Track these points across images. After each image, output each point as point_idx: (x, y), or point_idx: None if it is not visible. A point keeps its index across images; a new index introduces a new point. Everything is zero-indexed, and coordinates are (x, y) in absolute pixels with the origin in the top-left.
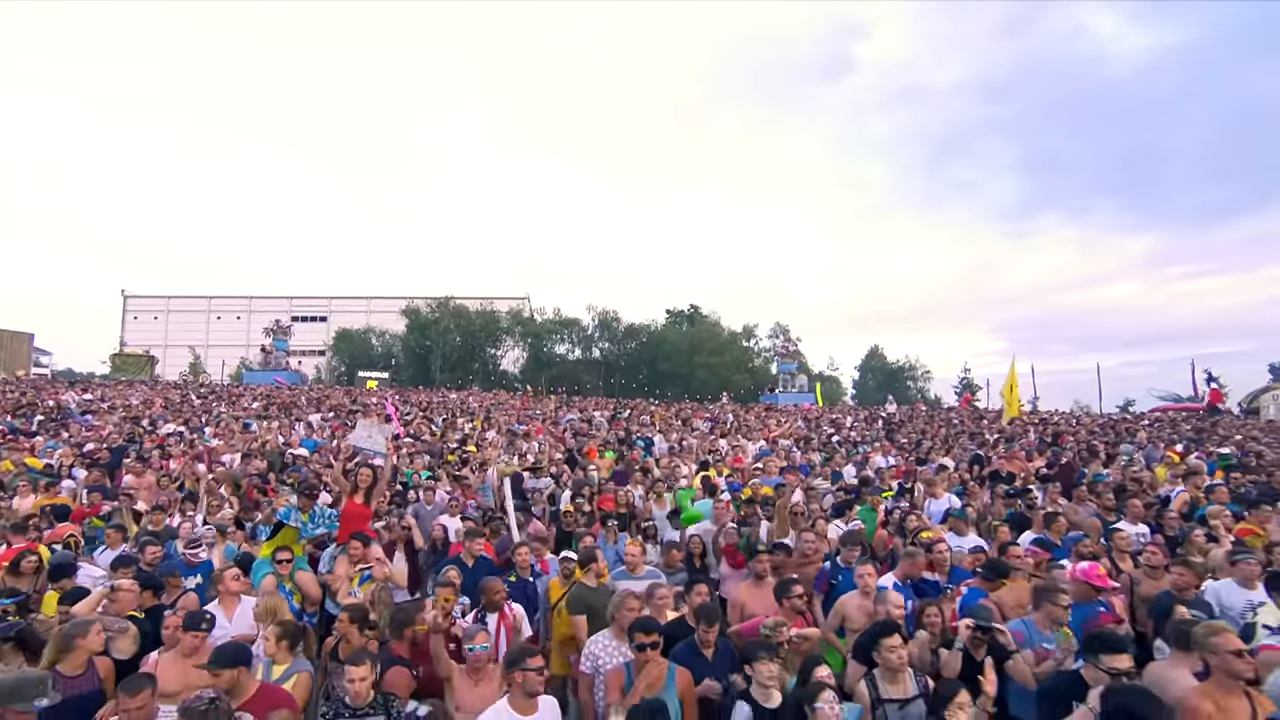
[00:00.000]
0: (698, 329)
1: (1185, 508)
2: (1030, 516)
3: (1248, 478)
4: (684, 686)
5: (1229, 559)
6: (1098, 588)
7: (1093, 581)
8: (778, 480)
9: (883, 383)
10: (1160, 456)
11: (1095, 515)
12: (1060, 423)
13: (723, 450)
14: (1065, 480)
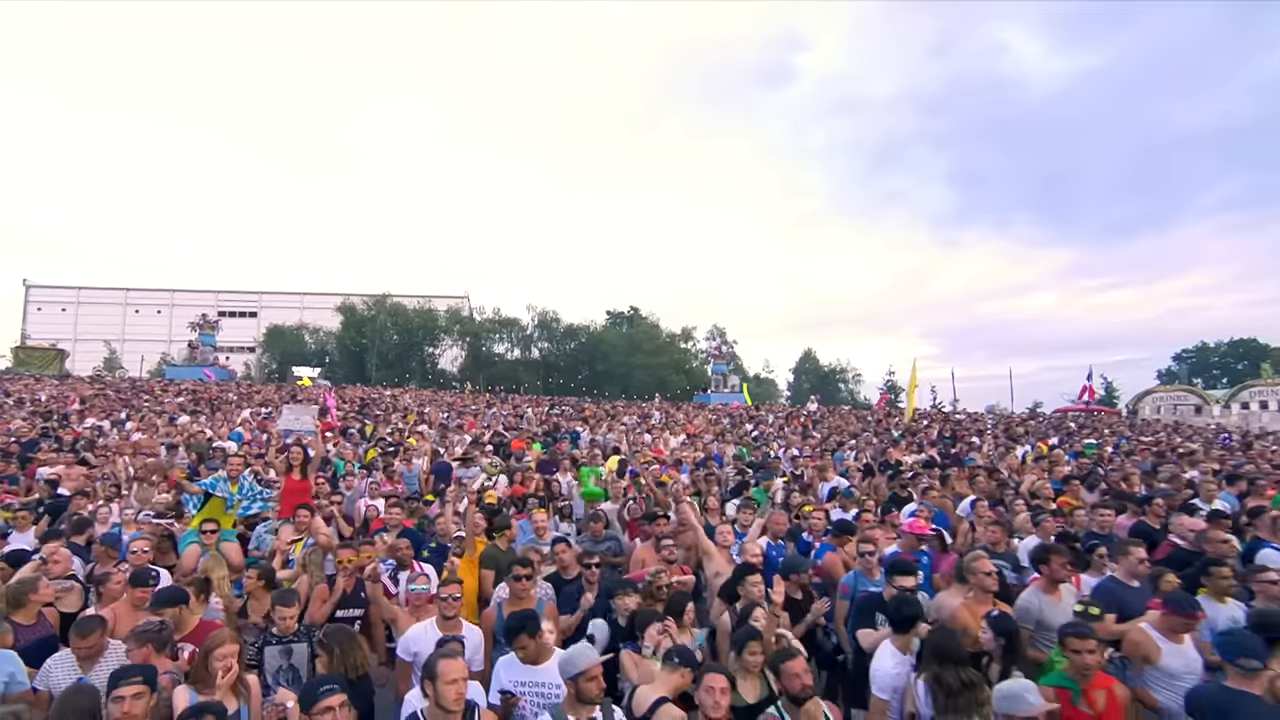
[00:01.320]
0: (637, 330)
1: (1031, 486)
2: (910, 495)
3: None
4: (549, 613)
5: (1031, 520)
6: (919, 536)
7: (914, 532)
8: (686, 468)
9: (816, 384)
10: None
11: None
12: (962, 421)
13: (646, 442)
14: (954, 467)
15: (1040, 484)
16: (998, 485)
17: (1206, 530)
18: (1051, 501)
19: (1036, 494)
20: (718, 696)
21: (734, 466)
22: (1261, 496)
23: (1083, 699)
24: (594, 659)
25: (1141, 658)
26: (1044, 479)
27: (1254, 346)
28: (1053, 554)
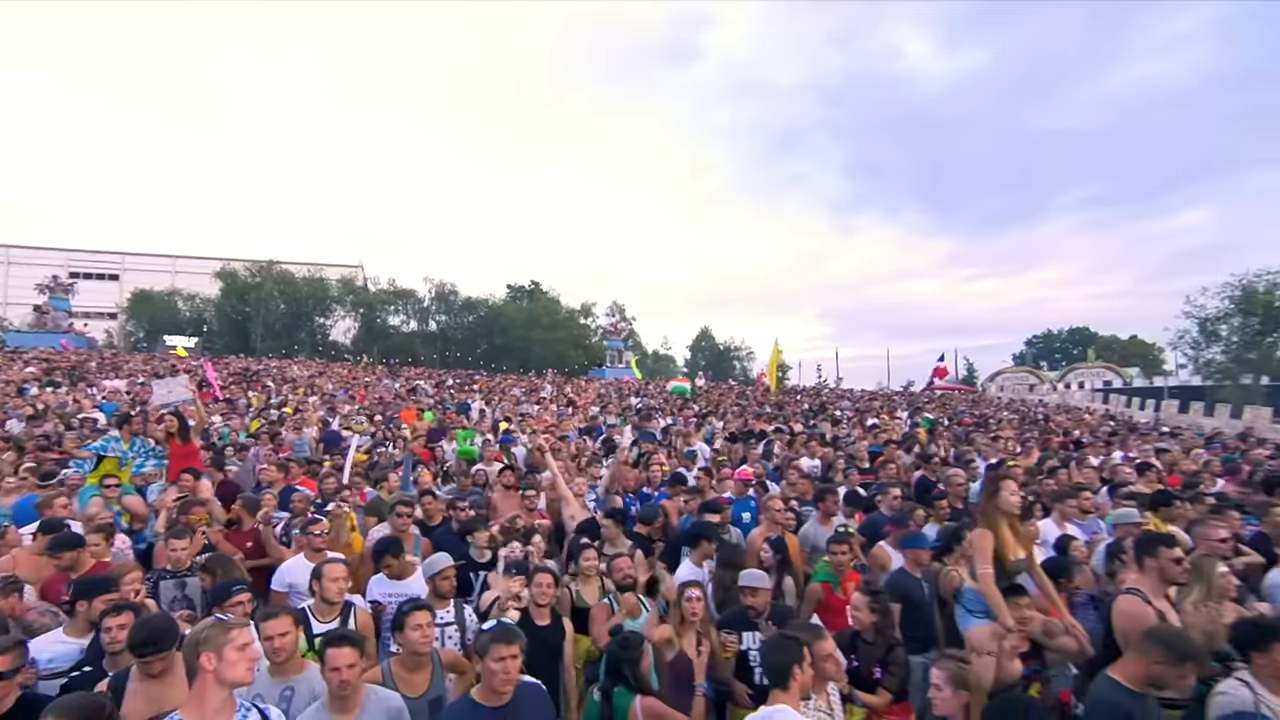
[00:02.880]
0: (537, 305)
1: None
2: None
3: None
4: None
5: (843, 474)
6: (745, 482)
7: (741, 479)
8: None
9: (711, 361)
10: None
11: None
12: (827, 396)
13: (531, 413)
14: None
15: (860, 448)
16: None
17: (951, 476)
18: (866, 461)
19: (856, 455)
20: (544, 588)
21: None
22: (1028, 457)
23: (839, 588)
24: (448, 562)
25: (880, 566)
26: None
27: (1086, 334)
28: (827, 494)
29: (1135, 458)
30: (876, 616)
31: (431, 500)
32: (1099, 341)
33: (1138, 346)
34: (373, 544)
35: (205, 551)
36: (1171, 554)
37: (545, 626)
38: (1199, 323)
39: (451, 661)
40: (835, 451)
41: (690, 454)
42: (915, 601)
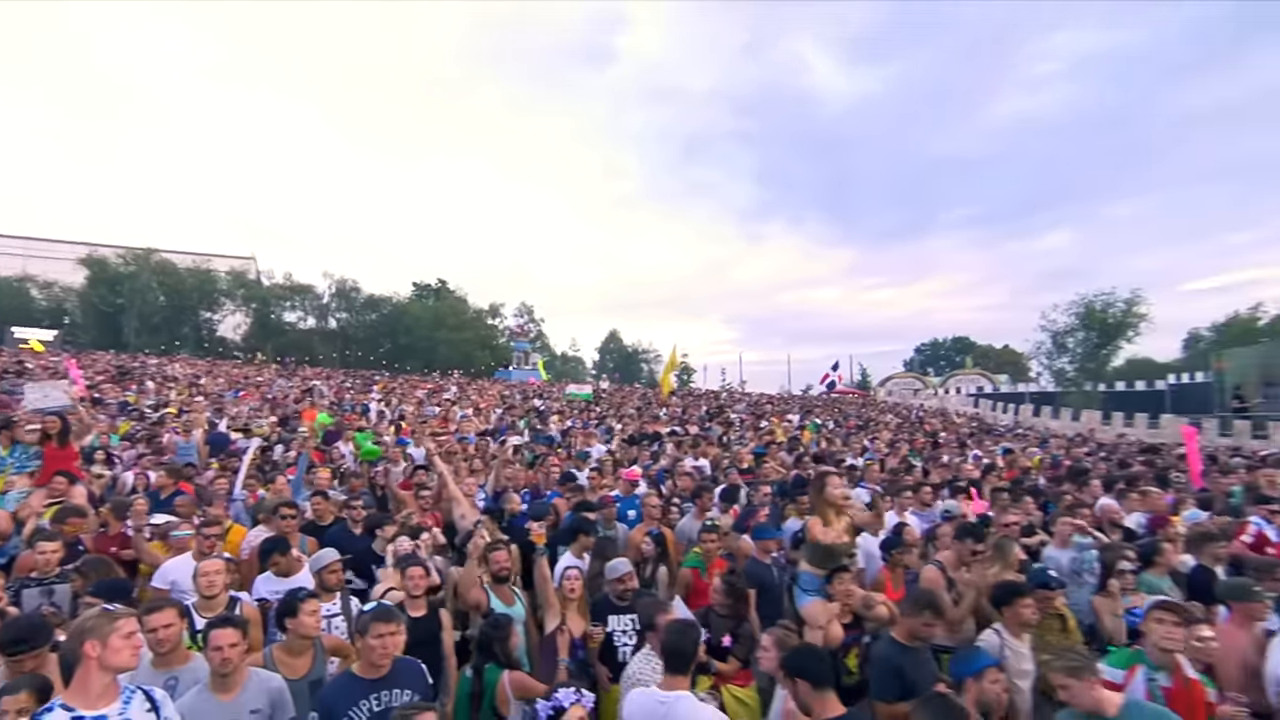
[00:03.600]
0: (443, 304)
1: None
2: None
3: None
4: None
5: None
6: (632, 482)
7: (628, 479)
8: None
9: (620, 364)
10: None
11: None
12: (725, 399)
13: (435, 414)
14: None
15: (744, 450)
16: (722, 451)
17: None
18: (748, 462)
19: (739, 456)
20: (417, 580)
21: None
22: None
23: (706, 574)
24: (334, 556)
25: (742, 554)
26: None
27: (967, 343)
28: (704, 492)
29: (982, 456)
30: (729, 596)
31: (322, 501)
32: (977, 350)
33: (1009, 355)
34: (258, 544)
35: (70, 559)
36: (968, 546)
37: (421, 617)
38: (1051, 336)
39: (334, 646)
40: (723, 452)
41: (584, 455)
42: (767, 584)
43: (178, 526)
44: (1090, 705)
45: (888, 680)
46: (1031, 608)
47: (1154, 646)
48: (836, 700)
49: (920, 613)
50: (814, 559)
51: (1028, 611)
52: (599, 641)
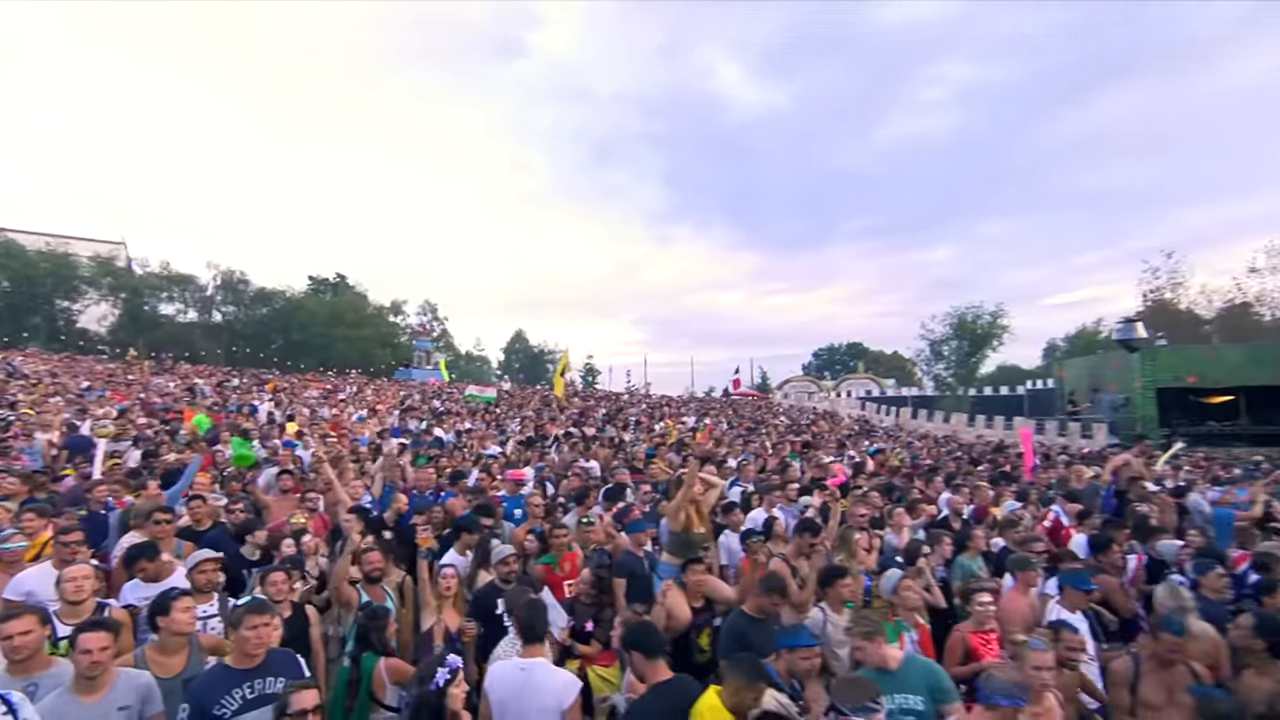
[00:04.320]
0: (341, 300)
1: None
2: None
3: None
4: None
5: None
6: (518, 482)
7: (512, 479)
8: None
9: (525, 365)
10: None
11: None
12: (622, 401)
13: (328, 415)
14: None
15: (638, 451)
16: (614, 452)
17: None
18: (638, 461)
19: (635, 457)
20: (279, 585)
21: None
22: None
23: (558, 566)
24: (207, 555)
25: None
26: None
27: (860, 349)
28: (589, 492)
29: (855, 457)
30: (595, 586)
31: (201, 505)
32: (869, 355)
33: (898, 361)
34: (124, 551)
35: None
36: (807, 539)
37: (287, 619)
38: (929, 344)
39: (212, 645)
40: (615, 454)
41: (491, 456)
42: (637, 574)
43: (10, 539)
44: (878, 662)
45: (733, 644)
46: (849, 587)
47: (903, 606)
48: (665, 667)
49: (769, 594)
50: (672, 549)
51: (845, 591)
52: (472, 636)
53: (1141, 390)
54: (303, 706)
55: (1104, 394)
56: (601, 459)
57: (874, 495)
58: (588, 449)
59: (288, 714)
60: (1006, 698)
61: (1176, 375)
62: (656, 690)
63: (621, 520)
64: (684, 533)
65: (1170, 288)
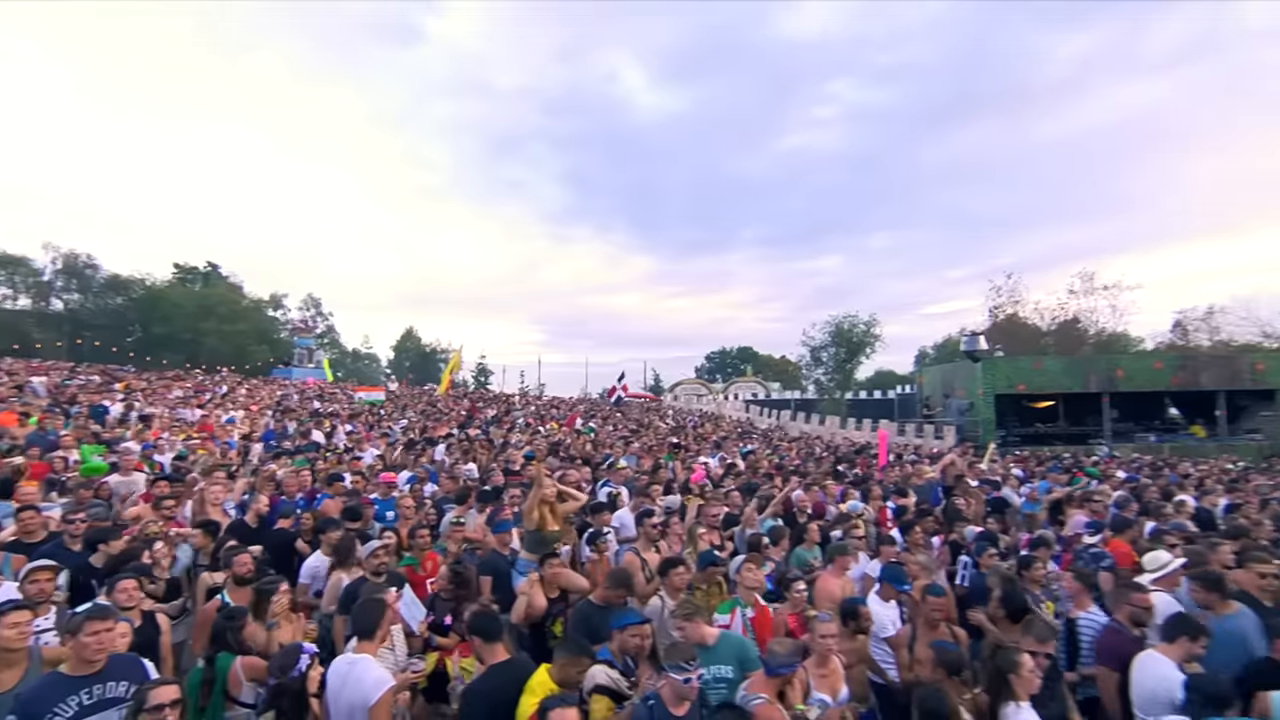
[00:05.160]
0: (212, 291)
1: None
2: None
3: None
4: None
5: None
6: (390, 485)
7: (384, 481)
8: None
9: (416, 364)
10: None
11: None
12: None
13: (192, 417)
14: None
15: (516, 454)
16: (488, 452)
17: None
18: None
19: (511, 460)
20: (129, 593)
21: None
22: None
23: (420, 567)
24: (39, 564)
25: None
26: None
27: (750, 353)
28: (467, 496)
29: (726, 458)
30: (453, 582)
31: (33, 515)
32: (759, 359)
33: (785, 365)
34: None
35: None
36: (648, 527)
37: (138, 626)
38: (810, 350)
39: (54, 657)
40: (495, 456)
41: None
42: (501, 572)
43: None
44: (698, 639)
45: (579, 629)
46: (682, 575)
47: (742, 587)
48: (504, 650)
49: (615, 587)
50: (529, 546)
51: (678, 579)
52: (312, 637)
53: (983, 396)
54: (160, 701)
55: (953, 399)
56: (481, 461)
57: (735, 494)
58: (466, 452)
59: (145, 709)
60: (784, 667)
61: (1011, 383)
62: (493, 669)
63: (491, 521)
64: (538, 531)
65: (1010, 304)
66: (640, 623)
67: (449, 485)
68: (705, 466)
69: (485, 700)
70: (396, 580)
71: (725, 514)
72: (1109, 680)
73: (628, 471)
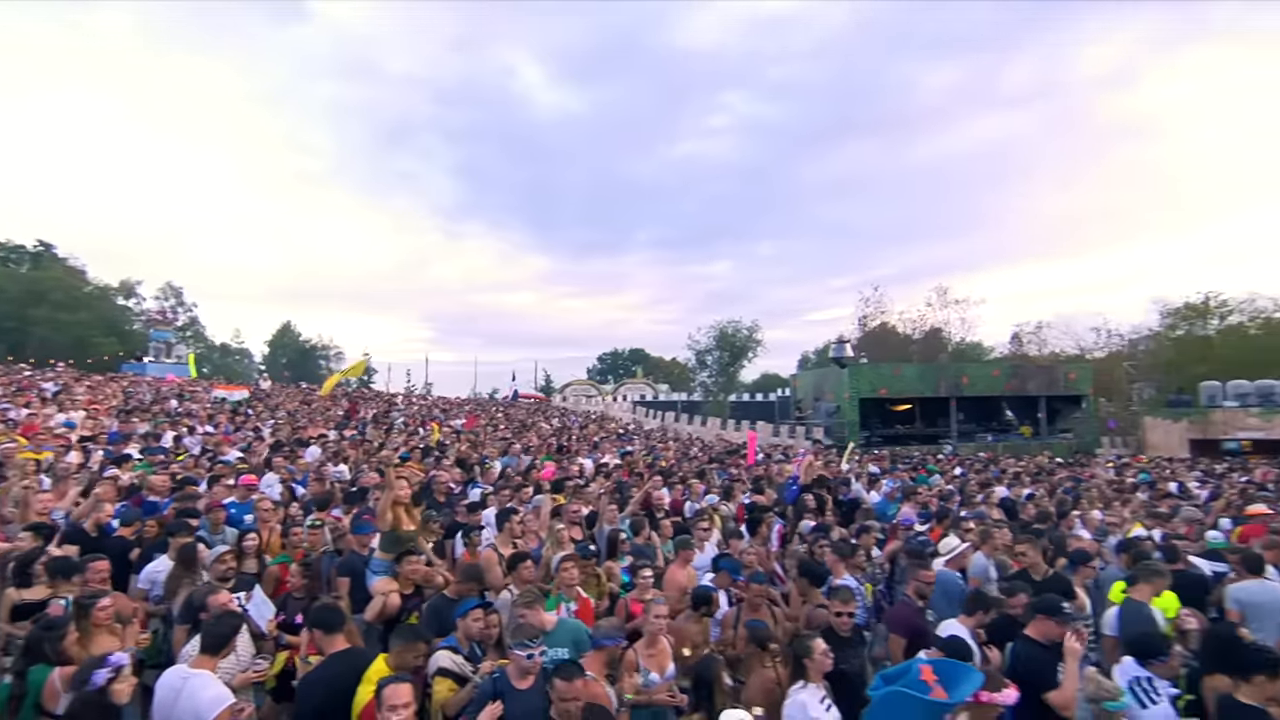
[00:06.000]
0: (45, 274)
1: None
2: None
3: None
4: None
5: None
6: (249, 488)
7: (244, 484)
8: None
9: (294, 361)
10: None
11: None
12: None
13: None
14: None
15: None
16: (364, 452)
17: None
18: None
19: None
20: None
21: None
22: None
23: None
24: None
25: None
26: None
27: (642, 354)
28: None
29: (601, 458)
30: (305, 578)
31: None
32: (650, 361)
33: (675, 367)
34: None
35: None
36: (512, 525)
37: None
38: (695, 354)
39: None
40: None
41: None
42: (358, 572)
43: None
44: (538, 624)
45: (431, 621)
46: (529, 569)
47: (561, 584)
48: (344, 640)
49: (466, 580)
50: (385, 546)
51: (526, 572)
52: (146, 644)
53: (849, 400)
54: None
55: (823, 402)
56: (350, 462)
57: (602, 496)
58: (337, 454)
59: None
60: (608, 639)
61: (873, 388)
62: (332, 658)
63: (355, 521)
64: (394, 531)
65: (877, 314)
66: (477, 607)
67: (316, 488)
68: (580, 467)
69: (321, 688)
70: (246, 584)
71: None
72: (897, 645)
73: (493, 473)
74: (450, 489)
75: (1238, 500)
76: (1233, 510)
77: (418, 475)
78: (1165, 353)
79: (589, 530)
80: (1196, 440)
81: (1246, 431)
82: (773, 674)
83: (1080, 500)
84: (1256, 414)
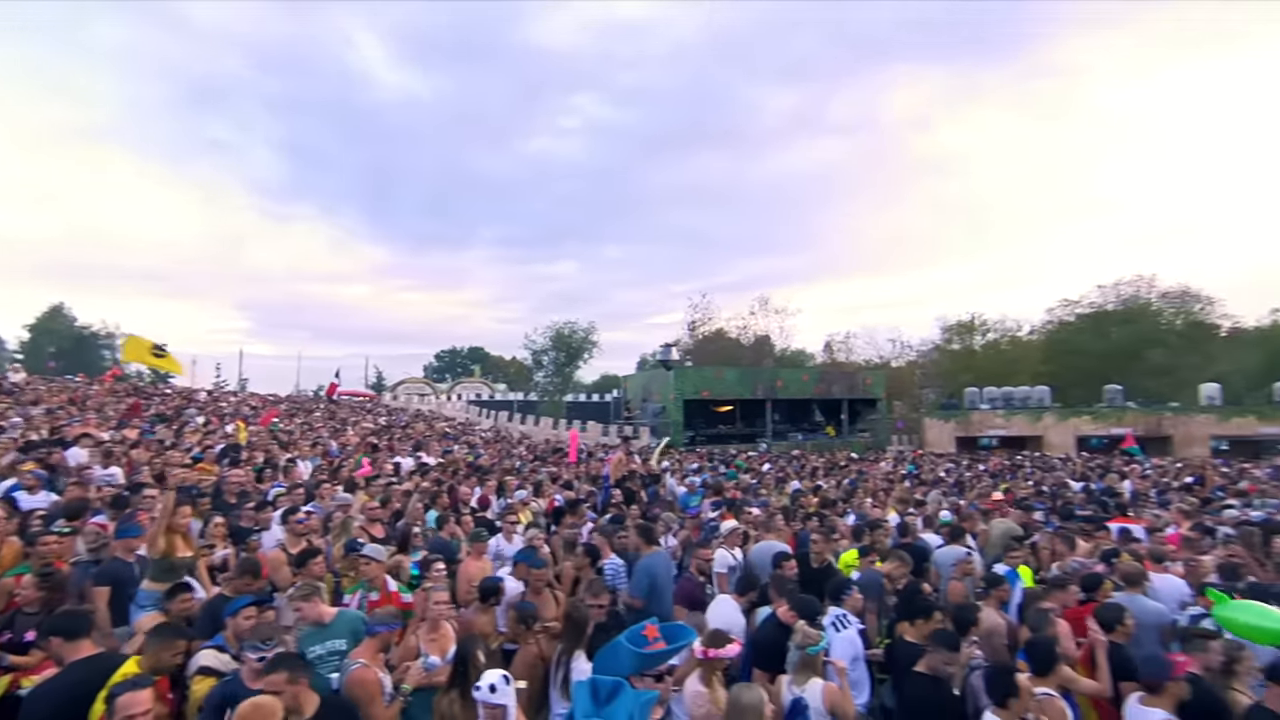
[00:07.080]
0: None
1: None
2: None
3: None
4: None
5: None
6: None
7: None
8: None
9: (68, 349)
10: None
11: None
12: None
13: None
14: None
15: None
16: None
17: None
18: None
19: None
20: None
21: None
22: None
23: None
24: None
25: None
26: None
27: (481, 353)
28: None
29: (422, 457)
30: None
31: None
32: (490, 360)
33: (515, 366)
34: None
35: None
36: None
37: None
38: (532, 354)
39: None
40: (155, 457)
41: None
42: (123, 580)
43: None
44: (315, 617)
45: (206, 619)
46: (320, 565)
47: (363, 574)
48: (89, 646)
49: (242, 576)
50: (155, 575)
51: (316, 568)
52: None
53: (674, 401)
54: None
55: (650, 403)
56: (126, 465)
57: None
58: (109, 456)
59: None
60: (381, 625)
61: (697, 389)
62: (72, 665)
63: (123, 526)
64: (166, 558)
65: (705, 320)
66: (251, 604)
67: (75, 493)
68: (397, 465)
69: (49, 701)
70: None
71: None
72: (680, 614)
73: (298, 473)
74: (245, 490)
75: (985, 488)
76: (977, 496)
77: (209, 476)
78: (942, 363)
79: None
80: (961, 437)
81: (995, 430)
82: (535, 649)
83: (858, 491)
84: (1001, 415)
